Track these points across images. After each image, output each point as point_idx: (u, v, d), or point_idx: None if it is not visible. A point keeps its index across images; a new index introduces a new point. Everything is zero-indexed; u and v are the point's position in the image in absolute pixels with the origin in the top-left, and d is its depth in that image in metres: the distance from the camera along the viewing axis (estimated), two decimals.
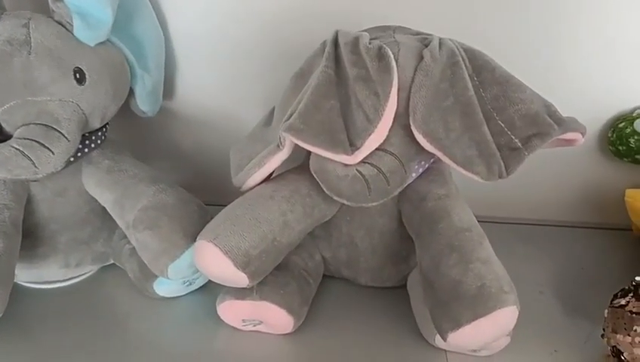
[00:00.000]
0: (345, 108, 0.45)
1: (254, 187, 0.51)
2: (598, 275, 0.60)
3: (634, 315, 0.44)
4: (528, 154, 0.45)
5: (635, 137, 0.60)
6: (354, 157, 0.43)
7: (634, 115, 0.62)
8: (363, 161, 0.44)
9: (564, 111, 0.63)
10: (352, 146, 0.43)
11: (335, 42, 0.46)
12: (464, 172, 0.45)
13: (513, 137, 0.45)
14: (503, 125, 0.46)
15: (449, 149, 0.45)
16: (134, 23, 0.58)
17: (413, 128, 0.44)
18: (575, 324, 0.53)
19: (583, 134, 0.48)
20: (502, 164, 0.45)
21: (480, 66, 0.46)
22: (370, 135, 0.43)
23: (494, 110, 0.46)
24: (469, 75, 0.46)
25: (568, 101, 0.63)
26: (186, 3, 0.62)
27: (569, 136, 0.47)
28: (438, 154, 0.45)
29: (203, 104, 0.67)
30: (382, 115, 0.43)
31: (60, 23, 0.49)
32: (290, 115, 0.45)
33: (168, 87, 0.66)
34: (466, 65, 0.46)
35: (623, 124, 0.61)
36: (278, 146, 0.47)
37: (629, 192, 0.61)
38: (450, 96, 0.45)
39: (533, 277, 0.60)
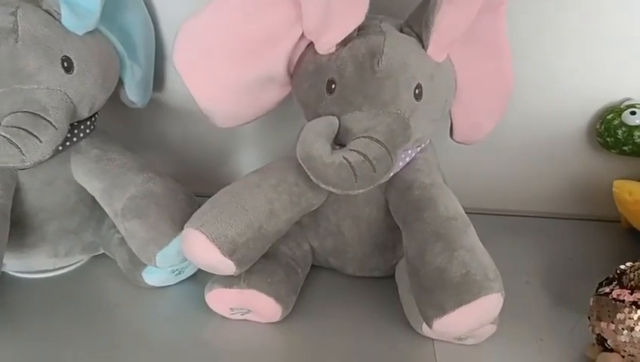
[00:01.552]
0: None
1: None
2: (585, 266, 0.61)
3: (617, 303, 0.44)
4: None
5: (623, 129, 0.61)
6: None
7: (622, 106, 0.62)
8: (349, 149, 0.44)
9: (554, 103, 0.64)
10: None
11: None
12: None
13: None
14: None
15: None
16: (124, 13, 0.57)
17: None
18: (561, 314, 0.54)
19: None
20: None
21: None
22: None
23: None
24: None
25: (558, 93, 0.64)
26: None
27: None
28: None
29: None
30: None
31: (48, 12, 0.49)
32: None
33: (158, 78, 0.66)
34: None
35: (611, 115, 0.62)
36: None
37: (617, 183, 0.61)
38: None
39: (521, 267, 0.60)
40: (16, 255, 0.55)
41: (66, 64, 0.49)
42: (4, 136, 0.45)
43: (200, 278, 0.57)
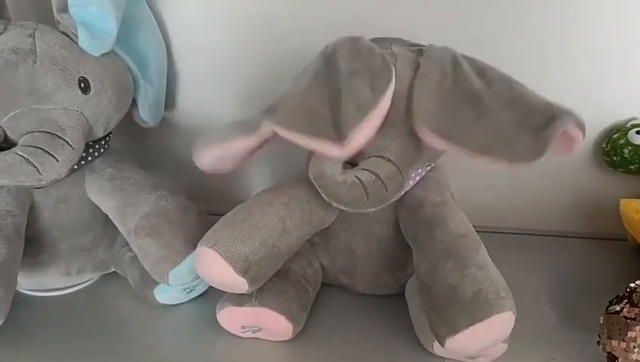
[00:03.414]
0: (334, 100, 0.43)
1: (210, 166, 0.52)
2: (592, 284, 0.61)
3: (628, 321, 0.45)
4: (552, 138, 0.42)
5: (629, 148, 0.61)
6: (343, 148, 0.42)
7: (628, 126, 0.63)
8: (361, 168, 0.45)
9: None
10: (340, 136, 0.42)
11: (334, 46, 0.46)
12: (485, 158, 0.43)
13: (534, 121, 0.43)
14: (517, 113, 0.44)
15: (462, 140, 0.44)
16: (138, 35, 0.59)
17: (420, 129, 0.44)
18: (571, 332, 0.54)
19: (584, 134, 0.46)
20: (527, 145, 0.43)
21: (481, 68, 0.47)
22: (358, 124, 0.42)
23: (507, 102, 0.45)
24: (473, 74, 0.46)
25: None
26: (188, 16, 0.64)
27: (575, 131, 0.45)
28: (453, 148, 0.44)
29: (203, 115, 0.68)
30: (374, 109, 0.42)
31: (65, 34, 0.51)
32: (275, 105, 0.44)
33: (170, 98, 0.67)
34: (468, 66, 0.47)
35: (617, 135, 0.62)
36: (251, 130, 0.46)
37: (624, 202, 0.61)
38: (455, 92, 0.45)
39: (528, 285, 0.60)
40: (29, 273, 0.56)
41: (82, 85, 0.50)
42: (21, 156, 0.46)
43: (211, 296, 0.57)
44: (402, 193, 0.50)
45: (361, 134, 0.42)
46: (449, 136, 0.44)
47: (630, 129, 0.62)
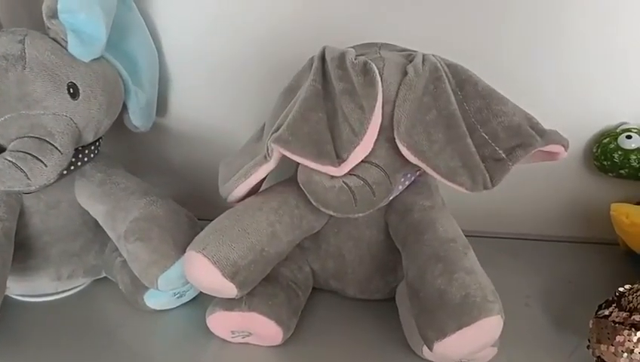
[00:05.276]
0: (332, 121, 0.46)
1: (241, 198, 0.52)
2: (584, 289, 0.61)
3: (617, 325, 0.45)
4: (512, 165, 0.46)
5: (619, 152, 0.61)
6: (340, 168, 0.44)
7: (618, 130, 0.63)
8: (349, 173, 0.45)
9: (549, 127, 0.65)
10: (339, 158, 0.44)
11: (322, 58, 0.48)
12: (448, 183, 0.46)
13: (497, 148, 0.46)
14: (486, 137, 0.47)
15: (432, 161, 0.46)
16: (128, 41, 0.59)
17: (397, 141, 0.45)
18: (562, 337, 0.54)
19: (565, 147, 0.49)
20: (486, 174, 0.46)
21: (463, 81, 0.48)
22: (355, 147, 0.44)
23: (478, 122, 0.47)
24: (452, 90, 0.47)
25: (553, 117, 0.64)
26: (179, 22, 0.64)
27: (552, 148, 0.48)
28: (422, 166, 0.46)
29: (195, 120, 0.69)
30: (367, 127, 0.44)
31: (54, 40, 0.51)
32: (279, 127, 0.46)
33: (161, 103, 0.67)
34: (449, 80, 0.47)
35: (607, 139, 0.63)
36: (265, 157, 0.48)
37: (614, 206, 0.61)
38: (432, 110, 0.46)
39: (520, 290, 0.60)
40: (19, 278, 0.56)
41: (72, 90, 0.50)
42: (10, 161, 0.46)
43: (201, 302, 0.57)
44: (391, 198, 0.50)
45: (359, 153, 0.45)
46: (422, 156, 0.46)
47: (620, 133, 0.62)
